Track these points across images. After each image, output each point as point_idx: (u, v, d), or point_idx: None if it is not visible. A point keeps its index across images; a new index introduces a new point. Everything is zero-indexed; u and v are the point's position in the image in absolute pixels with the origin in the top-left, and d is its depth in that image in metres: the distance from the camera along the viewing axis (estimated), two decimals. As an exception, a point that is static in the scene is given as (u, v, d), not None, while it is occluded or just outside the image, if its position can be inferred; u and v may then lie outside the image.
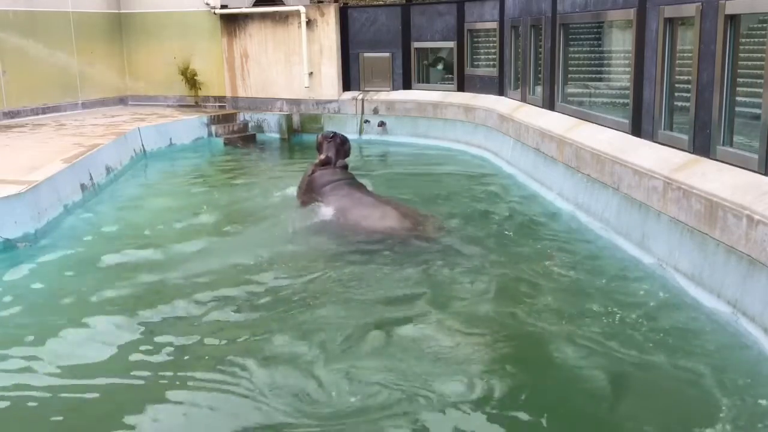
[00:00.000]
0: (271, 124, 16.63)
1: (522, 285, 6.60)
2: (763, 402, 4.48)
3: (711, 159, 6.56)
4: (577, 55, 10.67)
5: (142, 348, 5.43)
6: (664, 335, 5.45)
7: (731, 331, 5.40)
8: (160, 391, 4.80)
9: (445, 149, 14.25)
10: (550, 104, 11.01)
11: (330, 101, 16.32)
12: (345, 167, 9.40)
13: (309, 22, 16.02)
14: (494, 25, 13.93)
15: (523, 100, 12.36)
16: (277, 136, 16.49)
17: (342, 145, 9.54)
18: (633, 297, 6.19)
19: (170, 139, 14.68)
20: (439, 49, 15.66)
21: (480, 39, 14.74)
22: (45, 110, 16.09)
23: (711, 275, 5.83)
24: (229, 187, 11.70)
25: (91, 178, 10.41)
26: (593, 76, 10.41)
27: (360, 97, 16.11)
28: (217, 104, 17.43)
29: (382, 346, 5.33)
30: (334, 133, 9.72)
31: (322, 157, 9.29)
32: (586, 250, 7.50)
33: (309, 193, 9.09)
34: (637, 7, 8.08)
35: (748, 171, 5.97)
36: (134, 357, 5.29)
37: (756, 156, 5.93)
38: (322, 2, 18.46)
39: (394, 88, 15.94)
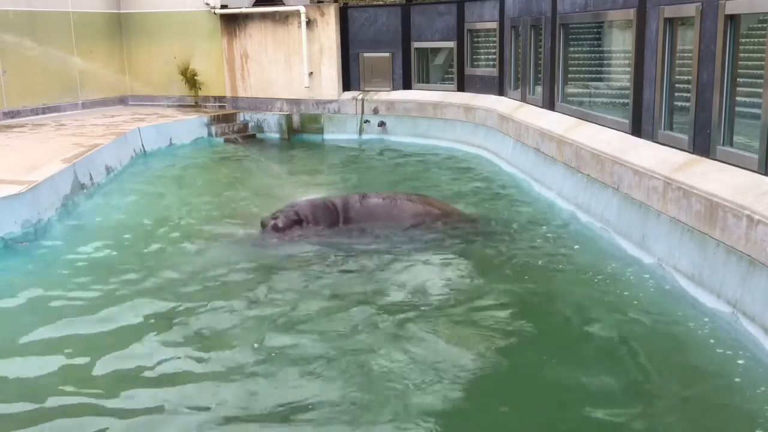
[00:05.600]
0: (271, 124, 16.64)
1: (521, 285, 6.60)
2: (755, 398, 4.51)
3: (711, 159, 6.56)
4: (577, 55, 10.67)
5: (141, 344, 5.43)
6: (663, 334, 5.46)
7: (730, 330, 5.40)
8: (160, 386, 4.82)
9: (445, 149, 14.25)
10: (550, 104, 11.01)
11: (330, 101, 16.33)
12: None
13: (309, 22, 16.02)
14: (494, 25, 13.94)
15: (523, 100, 12.36)
16: (277, 136, 16.50)
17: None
18: (632, 297, 6.18)
19: (170, 139, 14.69)
20: (439, 49, 15.67)
21: (480, 39, 14.74)
22: (45, 110, 16.11)
23: (711, 275, 5.83)
24: (229, 187, 11.68)
25: (91, 178, 10.41)
26: (593, 76, 10.42)
27: (360, 97, 16.11)
28: (217, 104, 17.44)
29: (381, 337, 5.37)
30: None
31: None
32: (585, 250, 7.49)
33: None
34: (637, 7, 8.08)
35: (748, 171, 5.97)
36: (134, 354, 5.30)
37: (756, 156, 5.94)
38: (322, 2, 18.45)
39: (394, 88, 15.95)
